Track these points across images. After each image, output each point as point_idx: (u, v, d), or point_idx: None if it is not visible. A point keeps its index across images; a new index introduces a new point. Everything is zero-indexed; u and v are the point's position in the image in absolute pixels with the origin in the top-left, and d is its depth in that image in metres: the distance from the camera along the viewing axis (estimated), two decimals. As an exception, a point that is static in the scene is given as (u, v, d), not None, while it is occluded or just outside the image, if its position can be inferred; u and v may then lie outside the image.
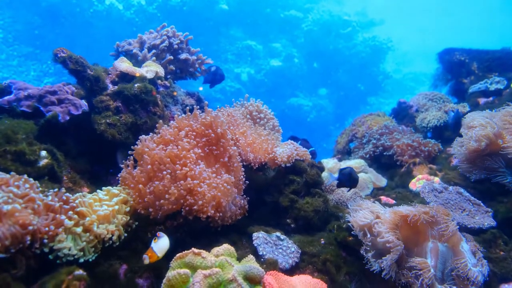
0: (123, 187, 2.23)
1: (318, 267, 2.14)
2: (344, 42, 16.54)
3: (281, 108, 15.15)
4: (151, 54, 3.37)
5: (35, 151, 2.16)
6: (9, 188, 1.65)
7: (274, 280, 1.76)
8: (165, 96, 3.19)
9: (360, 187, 3.48)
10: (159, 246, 1.79)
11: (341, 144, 4.81)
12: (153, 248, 1.77)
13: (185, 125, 2.42)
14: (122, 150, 2.69)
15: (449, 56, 5.03)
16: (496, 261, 2.27)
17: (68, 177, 2.33)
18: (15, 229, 1.54)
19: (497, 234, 2.45)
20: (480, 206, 2.72)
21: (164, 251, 1.80)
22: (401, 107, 5.01)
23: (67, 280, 1.57)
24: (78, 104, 2.56)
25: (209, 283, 1.53)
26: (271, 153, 2.67)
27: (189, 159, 2.17)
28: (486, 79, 4.41)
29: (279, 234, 2.28)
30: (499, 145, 2.74)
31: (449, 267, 2.02)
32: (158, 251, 1.77)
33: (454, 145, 3.08)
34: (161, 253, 1.78)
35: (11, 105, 2.40)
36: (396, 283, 1.97)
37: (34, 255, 1.67)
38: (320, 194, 2.70)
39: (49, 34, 13.29)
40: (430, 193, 2.89)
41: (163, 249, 1.79)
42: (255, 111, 3.13)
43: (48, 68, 13.17)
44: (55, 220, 1.71)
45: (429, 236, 2.11)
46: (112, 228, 1.90)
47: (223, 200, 2.14)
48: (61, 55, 2.62)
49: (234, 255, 1.82)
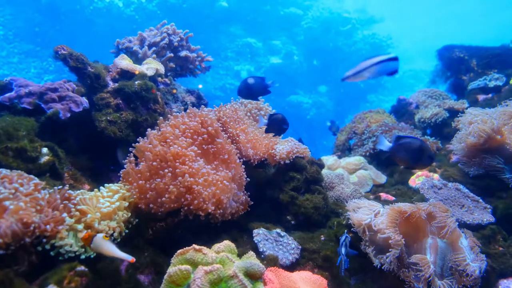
0: (123, 183, 2.24)
1: (318, 263, 2.16)
2: (344, 40, 16.54)
3: (281, 106, 15.17)
4: (151, 51, 3.37)
5: (36, 148, 2.17)
6: (13, 185, 1.65)
7: (275, 276, 1.77)
8: (165, 94, 3.20)
9: (360, 184, 3.49)
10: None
11: (341, 141, 4.82)
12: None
13: (181, 123, 2.43)
14: (122, 147, 2.70)
15: (449, 53, 5.03)
16: (495, 257, 2.28)
17: (69, 174, 2.34)
18: (18, 227, 1.55)
19: (496, 230, 2.46)
20: (479, 202, 2.73)
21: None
22: (401, 104, 5.01)
23: (69, 276, 1.59)
24: (79, 101, 2.57)
25: (210, 279, 1.54)
26: (271, 150, 2.68)
27: (188, 157, 2.18)
28: (485, 76, 4.42)
29: (280, 230, 2.30)
30: (498, 141, 2.76)
31: (448, 263, 2.04)
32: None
33: (454, 141, 3.09)
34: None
35: (12, 102, 2.41)
36: (396, 278, 1.98)
37: (36, 251, 1.69)
38: (320, 191, 2.72)
39: (49, 31, 13.30)
40: (430, 190, 2.90)
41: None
42: (254, 108, 3.14)
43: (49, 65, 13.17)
44: (57, 217, 1.72)
45: (428, 232, 2.12)
46: (113, 224, 1.91)
47: (223, 197, 2.15)
48: (61, 52, 2.63)
49: (235, 252, 1.83)
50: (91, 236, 1.65)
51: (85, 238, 1.66)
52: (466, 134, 2.93)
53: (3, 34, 12.80)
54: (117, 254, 1.64)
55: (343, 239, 1.93)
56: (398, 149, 2.10)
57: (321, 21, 16.40)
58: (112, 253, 1.64)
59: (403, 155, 2.11)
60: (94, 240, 1.64)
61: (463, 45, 4.98)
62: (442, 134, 4.11)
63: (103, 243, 1.64)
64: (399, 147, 2.09)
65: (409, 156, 2.08)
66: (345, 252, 1.90)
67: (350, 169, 3.75)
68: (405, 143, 2.09)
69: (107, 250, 1.64)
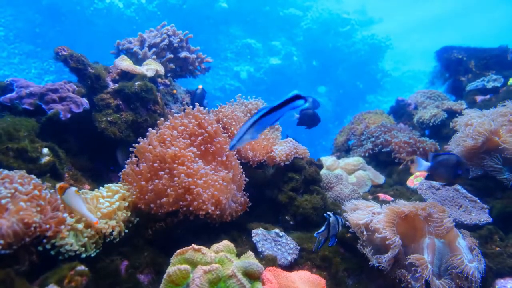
0: (123, 183, 2.25)
1: (316, 263, 2.17)
2: (343, 40, 16.56)
3: (280, 106, 15.14)
4: (151, 52, 3.39)
5: (37, 148, 2.19)
6: (13, 185, 1.67)
7: (273, 276, 1.78)
8: (165, 94, 3.21)
9: (358, 184, 3.51)
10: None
11: (340, 142, 4.84)
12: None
13: (179, 125, 2.44)
14: (122, 148, 2.72)
15: (447, 54, 5.05)
16: (492, 257, 2.30)
17: (70, 174, 2.36)
18: (19, 227, 1.56)
19: (493, 230, 2.48)
20: (477, 202, 2.75)
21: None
22: (400, 105, 5.03)
23: (69, 276, 1.59)
24: (79, 102, 2.59)
25: (209, 278, 1.55)
26: (270, 151, 2.69)
27: (186, 158, 2.20)
28: (484, 77, 4.44)
29: (278, 230, 2.31)
30: (496, 142, 2.77)
31: (446, 263, 2.05)
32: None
33: (451, 142, 3.11)
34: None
35: (13, 103, 2.43)
36: (394, 278, 2.00)
37: (36, 251, 1.70)
38: (319, 191, 2.73)
39: (49, 32, 13.31)
40: (428, 190, 2.91)
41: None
42: (254, 109, 3.15)
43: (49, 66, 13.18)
44: (58, 217, 1.74)
45: (426, 232, 2.14)
46: (113, 223, 1.92)
47: (222, 197, 2.16)
48: (62, 53, 2.65)
49: (234, 251, 1.84)
50: (64, 188, 1.70)
51: (60, 188, 1.71)
52: (463, 136, 2.94)
53: (4, 35, 12.81)
54: (82, 211, 1.70)
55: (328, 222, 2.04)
56: (437, 167, 2.16)
57: (321, 22, 16.42)
58: (78, 209, 1.70)
59: (443, 172, 2.17)
60: (66, 192, 1.69)
61: (461, 46, 5.00)
62: (441, 135, 4.13)
63: (74, 197, 1.70)
64: (438, 165, 2.15)
65: (449, 171, 2.14)
66: (331, 233, 2.03)
67: (348, 169, 3.76)
68: (443, 160, 2.15)
69: (75, 204, 1.70)
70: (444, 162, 2.17)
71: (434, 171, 2.20)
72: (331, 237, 2.05)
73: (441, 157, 2.19)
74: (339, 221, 2.07)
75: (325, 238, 2.05)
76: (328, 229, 2.02)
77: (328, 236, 2.04)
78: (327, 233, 2.03)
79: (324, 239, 2.05)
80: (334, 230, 2.04)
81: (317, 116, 2.98)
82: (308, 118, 2.97)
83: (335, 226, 2.04)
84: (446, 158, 2.18)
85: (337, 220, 2.06)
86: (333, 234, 2.05)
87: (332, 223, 2.02)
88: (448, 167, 2.16)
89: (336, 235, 2.08)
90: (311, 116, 2.95)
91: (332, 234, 2.04)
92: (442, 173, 2.18)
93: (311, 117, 2.95)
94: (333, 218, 2.04)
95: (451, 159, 2.16)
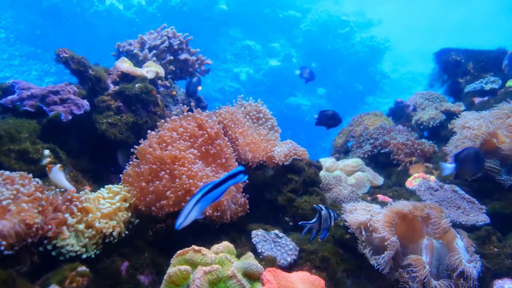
0: (124, 184, 2.27)
1: (316, 264, 2.18)
2: (342, 42, 16.58)
3: (279, 108, 15.18)
4: (151, 54, 3.41)
5: (38, 150, 2.20)
6: (15, 186, 1.68)
7: (272, 276, 1.79)
8: (165, 96, 3.23)
9: (357, 185, 3.53)
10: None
11: (339, 143, 4.85)
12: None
13: (178, 126, 2.45)
14: (123, 149, 2.73)
15: (446, 56, 5.07)
16: (489, 257, 2.31)
17: (70, 175, 2.37)
18: (21, 228, 1.58)
19: (491, 231, 2.49)
20: (475, 203, 2.76)
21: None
22: (398, 106, 5.04)
23: (70, 276, 1.61)
24: (80, 104, 2.60)
25: (209, 279, 1.56)
26: (270, 153, 2.71)
27: (187, 159, 2.21)
28: (482, 79, 4.46)
29: (278, 231, 2.32)
30: (493, 144, 2.79)
31: (444, 264, 2.06)
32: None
33: (449, 144, 3.12)
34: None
35: (14, 105, 2.44)
36: (392, 279, 2.01)
37: (38, 251, 1.71)
38: (318, 192, 2.75)
39: (50, 34, 13.32)
40: (426, 191, 2.93)
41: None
42: (253, 111, 3.17)
43: (50, 67, 13.20)
44: (59, 218, 1.75)
45: (424, 233, 2.15)
46: (113, 223, 1.93)
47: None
48: (63, 55, 2.66)
49: (234, 252, 1.85)
50: (50, 167, 1.95)
51: (48, 168, 1.98)
52: (461, 138, 2.96)
53: (5, 37, 12.82)
54: (62, 183, 1.94)
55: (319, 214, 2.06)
56: (462, 165, 2.22)
57: (320, 24, 16.45)
58: (59, 182, 1.93)
59: (470, 166, 2.24)
60: (52, 169, 1.94)
61: (460, 48, 5.02)
62: (439, 136, 4.15)
63: (57, 172, 1.94)
64: (462, 163, 2.21)
65: (475, 163, 2.21)
66: (322, 226, 2.05)
67: (348, 171, 3.78)
68: (464, 157, 2.21)
69: (57, 178, 1.93)
70: (466, 158, 2.22)
71: (461, 169, 2.25)
72: (322, 230, 2.05)
73: (461, 155, 2.22)
74: (331, 215, 2.07)
75: (317, 231, 2.06)
76: (320, 221, 2.03)
77: (319, 229, 2.05)
78: (318, 226, 2.04)
79: (316, 231, 2.06)
80: (326, 224, 2.04)
81: (337, 116, 2.96)
82: (327, 118, 2.95)
83: (327, 219, 2.05)
84: (466, 154, 2.23)
85: (329, 213, 2.06)
86: (324, 228, 2.05)
87: (323, 216, 2.03)
88: (472, 160, 2.21)
89: (328, 229, 2.09)
90: (330, 116, 2.93)
91: (324, 227, 2.04)
92: (470, 167, 2.26)
93: (330, 117, 2.93)
94: (325, 212, 2.04)
95: (470, 153, 2.21)
